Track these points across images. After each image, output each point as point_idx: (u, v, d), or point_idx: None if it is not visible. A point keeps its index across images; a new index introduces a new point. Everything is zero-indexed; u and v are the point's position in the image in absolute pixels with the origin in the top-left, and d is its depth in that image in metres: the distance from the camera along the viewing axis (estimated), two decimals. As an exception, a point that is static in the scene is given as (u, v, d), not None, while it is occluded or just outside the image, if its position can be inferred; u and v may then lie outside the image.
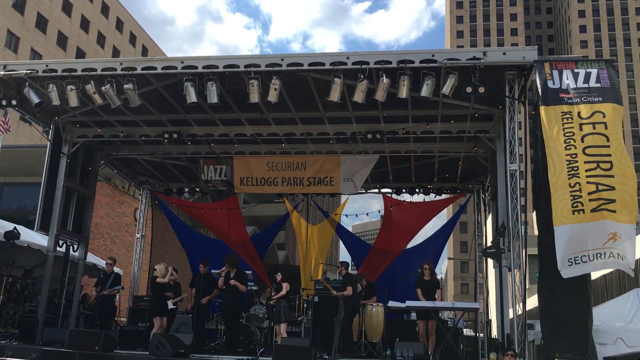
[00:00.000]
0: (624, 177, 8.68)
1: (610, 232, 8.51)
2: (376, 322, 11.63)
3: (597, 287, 17.55)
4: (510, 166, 10.23)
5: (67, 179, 13.52)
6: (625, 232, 8.49)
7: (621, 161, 8.77)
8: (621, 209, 8.54)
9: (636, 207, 8.81)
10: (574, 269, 8.59)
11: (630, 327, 10.12)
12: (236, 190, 15.54)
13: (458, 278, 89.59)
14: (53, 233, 13.10)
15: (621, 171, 8.71)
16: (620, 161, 8.76)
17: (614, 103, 9.24)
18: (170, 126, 13.71)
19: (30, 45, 43.71)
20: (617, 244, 8.46)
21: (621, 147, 8.92)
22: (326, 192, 15.56)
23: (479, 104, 11.64)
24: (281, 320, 11.66)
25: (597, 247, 8.52)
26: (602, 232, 8.53)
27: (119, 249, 25.03)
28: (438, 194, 16.51)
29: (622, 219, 8.52)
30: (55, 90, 11.19)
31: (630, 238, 8.49)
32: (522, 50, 10.27)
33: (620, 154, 8.83)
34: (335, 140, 13.99)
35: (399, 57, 10.25)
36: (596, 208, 8.60)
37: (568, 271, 8.59)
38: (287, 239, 49.58)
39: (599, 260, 8.55)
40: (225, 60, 10.88)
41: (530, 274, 29.25)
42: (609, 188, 8.64)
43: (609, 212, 8.55)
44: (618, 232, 8.47)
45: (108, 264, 13.16)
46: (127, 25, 58.26)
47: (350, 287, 11.46)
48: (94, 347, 9.76)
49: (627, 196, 8.58)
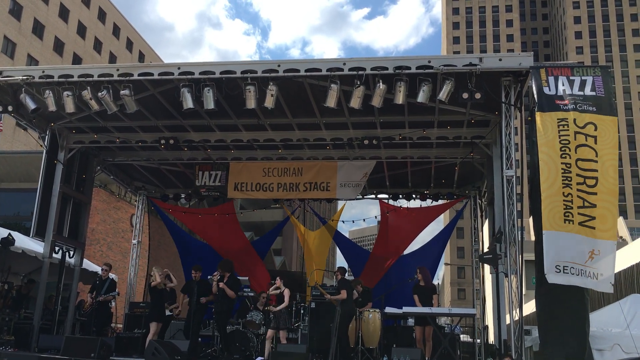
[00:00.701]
0: (606, 195, 8.86)
1: (589, 250, 8.72)
2: (373, 328, 11.60)
3: (594, 293, 17.52)
4: (507, 172, 10.25)
5: (63, 185, 13.48)
6: (605, 248, 8.68)
7: (606, 178, 8.93)
8: (601, 226, 8.75)
9: (616, 223, 9.01)
10: (560, 277, 8.73)
11: (627, 333, 10.11)
12: (229, 196, 15.51)
13: (455, 284, 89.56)
14: (49, 239, 13.06)
15: (605, 188, 8.88)
16: (605, 178, 8.93)
17: (608, 115, 9.29)
18: (166, 132, 13.70)
19: (26, 51, 43.71)
20: (594, 262, 8.66)
21: (609, 162, 9.02)
22: (323, 197, 15.55)
23: (475, 109, 11.67)
24: (280, 327, 11.61)
25: (582, 264, 8.71)
26: (585, 249, 8.73)
27: (115, 255, 24.96)
28: (435, 200, 16.52)
29: (602, 236, 8.73)
30: (52, 96, 11.17)
31: (609, 254, 8.67)
32: (518, 57, 10.29)
33: (607, 170, 8.98)
34: (332, 146, 14.01)
35: (395, 63, 10.28)
36: (582, 222, 8.81)
37: (554, 277, 8.72)
38: (284, 245, 49.57)
39: (580, 276, 8.73)
40: (221, 66, 10.89)
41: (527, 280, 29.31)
42: (591, 205, 8.85)
43: (590, 228, 8.77)
44: (595, 250, 8.68)
45: (104, 270, 13.11)
46: (124, 31, 58.32)
47: (344, 291, 11.44)
48: (90, 353, 9.75)
49: (608, 213, 8.78)
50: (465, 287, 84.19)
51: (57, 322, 13.13)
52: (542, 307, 9.54)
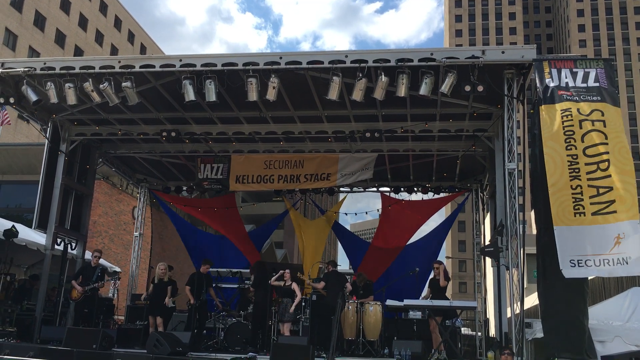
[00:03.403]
0: (621, 175, 8.67)
1: (614, 235, 8.49)
2: (374, 320, 11.63)
3: (595, 287, 17.56)
4: (509, 165, 10.23)
5: (65, 177, 13.48)
6: (627, 229, 8.46)
7: (619, 159, 8.76)
8: (621, 207, 8.53)
9: (636, 202, 8.79)
10: (577, 271, 8.56)
11: (628, 325, 10.15)
12: (231, 189, 15.55)
13: (456, 277, 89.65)
14: (51, 231, 13.07)
15: (619, 169, 8.70)
16: (618, 159, 8.76)
17: (612, 105, 9.25)
18: (168, 124, 13.69)
19: (28, 43, 43.64)
20: (622, 246, 8.43)
21: (620, 144, 8.90)
22: (323, 186, 15.60)
23: (477, 102, 11.64)
24: (284, 320, 11.64)
25: (604, 253, 8.48)
26: (607, 238, 8.51)
27: (117, 248, 25.02)
28: (436, 193, 16.51)
29: (622, 217, 8.51)
30: (53, 88, 11.15)
31: (633, 234, 8.43)
32: (520, 49, 10.24)
33: (619, 151, 8.81)
34: (334, 139, 13.99)
35: (397, 56, 10.24)
36: (597, 212, 8.62)
37: (571, 271, 8.56)
38: (286, 238, 49.60)
39: (605, 266, 8.50)
40: (223, 58, 10.86)
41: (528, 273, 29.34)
42: (607, 189, 8.65)
43: (611, 214, 8.55)
44: (621, 233, 8.46)
45: (95, 256, 12.83)
46: (126, 24, 58.19)
47: (322, 282, 11.63)
48: (91, 345, 9.76)
49: (626, 193, 8.57)
50: (466, 280, 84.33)
51: (59, 313, 13.14)
52: (544, 301, 9.54)
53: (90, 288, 12.30)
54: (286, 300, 11.72)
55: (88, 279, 12.41)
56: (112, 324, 14.03)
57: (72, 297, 12.43)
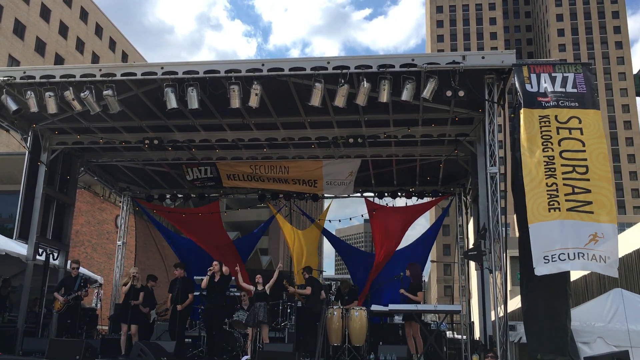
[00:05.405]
0: (599, 181, 8.80)
1: (590, 233, 8.54)
2: (360, 325, 11.64)
3: (578, 288, 17.76)
4: (491, 169, 10.30)
5: (47, 187, 13.35)
6: (607, 231, 8.53)
7: (597, 165, 8.88)
8: (599, 210, 8.64)
9: (614, 208, 8.89)
10: (550, 267, 8.57)
11: (610, 326, 10.26)
12: (225, 184, 15.59)
13: (441, 281, 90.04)
14: (32, 241, 12.93)
15: (596, 175, 8.83)
16: (595, 165, 8.89)
17: (591, 109, 9.36)
18: (150, 132, 13.62)
19: (7, 51, 43.19)
20: (599, 245, 8.46)
21: (598, 150, 9.02)
22: (310, 192, 15.65)
23: (459, 107, 11.73)
24: (261, 320, 11.33)
25: (579, 247, 8.51)
26: (583, 233, 8.55)
27: (100, 257, 24.80)
28: (420, 198, 16.59)
29: (602, 219, 8.60)
30: (34, 97, 11.03)
31: (612, 237, 8.51)
32: (500, 54, 10.35)
33: (596, 158, 8.94)
34: (317, 145, 14.01)
35: (379, 62, 10.30)
36: (572, 208, 8.70)
37: (543, 269, 8.57)
38: (271, 245, 49.51)
39: (579, 260, 8.49)
40: (205, 65, 10.83)
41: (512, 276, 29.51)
42: (584, 191, 8.75)
43: (587, 213, 8.63)
44: (599, 233, 8.52)
45: (73, 268, 12.67)
46: (107, 31, 57.86)
47: (309, 287, 11.70)
48: (74, 356, 9.66)
49: (604, 198, 8.70)
50: (451, 284, 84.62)
51: (41, 325, 12.98)
52: (526, 303, 9.62)
53: (73, 297, 12.15)
54: (259, 305, 11.55)
55: (70, 290, 12.27)
56: (95, 335, 13.91)
57: (55, 309, 12.29)
